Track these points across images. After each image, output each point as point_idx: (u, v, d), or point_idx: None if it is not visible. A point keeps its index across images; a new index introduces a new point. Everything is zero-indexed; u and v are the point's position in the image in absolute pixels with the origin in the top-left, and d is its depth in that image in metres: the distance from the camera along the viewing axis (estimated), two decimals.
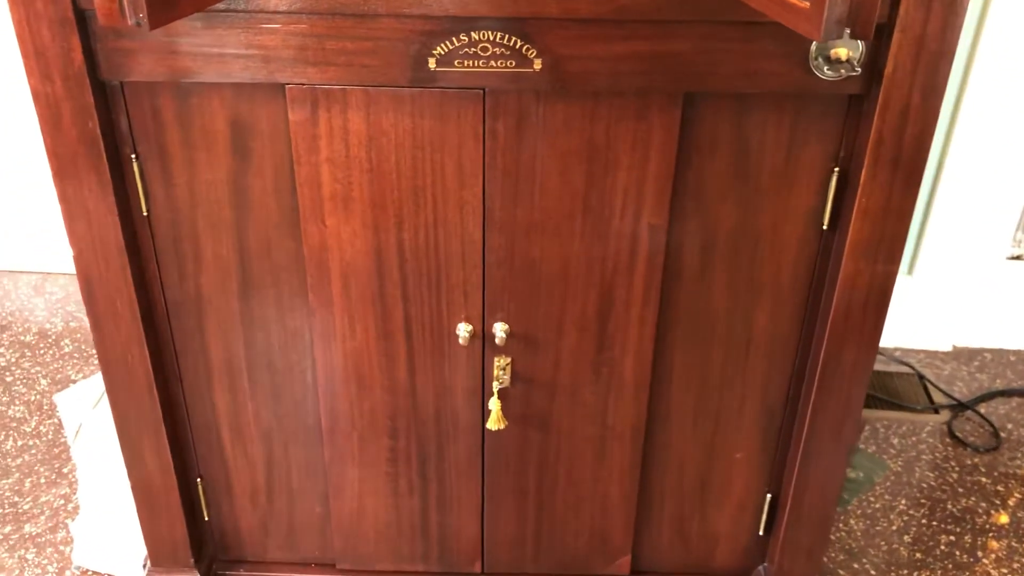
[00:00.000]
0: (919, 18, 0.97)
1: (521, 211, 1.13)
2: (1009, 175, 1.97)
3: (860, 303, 1.16)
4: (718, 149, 1.10)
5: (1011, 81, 1.85)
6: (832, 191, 1.11)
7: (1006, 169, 1.96)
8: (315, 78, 1.04)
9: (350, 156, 1.09)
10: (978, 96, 1.88)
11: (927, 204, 2.04)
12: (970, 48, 1.85)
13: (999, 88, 1.86)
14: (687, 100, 1.06)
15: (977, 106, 1.89)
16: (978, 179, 1.98)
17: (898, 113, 1.03)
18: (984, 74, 1.86)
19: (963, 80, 1.89)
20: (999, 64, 1.84)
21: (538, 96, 1.06)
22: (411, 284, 1.18)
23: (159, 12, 0.83)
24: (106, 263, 1.15)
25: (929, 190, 2.03)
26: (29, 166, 2.23)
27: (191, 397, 1.30)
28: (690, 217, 1.14)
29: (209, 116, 1.08)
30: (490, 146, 1.09)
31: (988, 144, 1.93)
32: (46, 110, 1.04)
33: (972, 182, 1.98)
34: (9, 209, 2.32)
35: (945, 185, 2.00)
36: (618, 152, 1.09)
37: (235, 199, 1.14)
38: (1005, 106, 1.88)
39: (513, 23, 1.00)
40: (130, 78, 1.04)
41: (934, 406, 2.02)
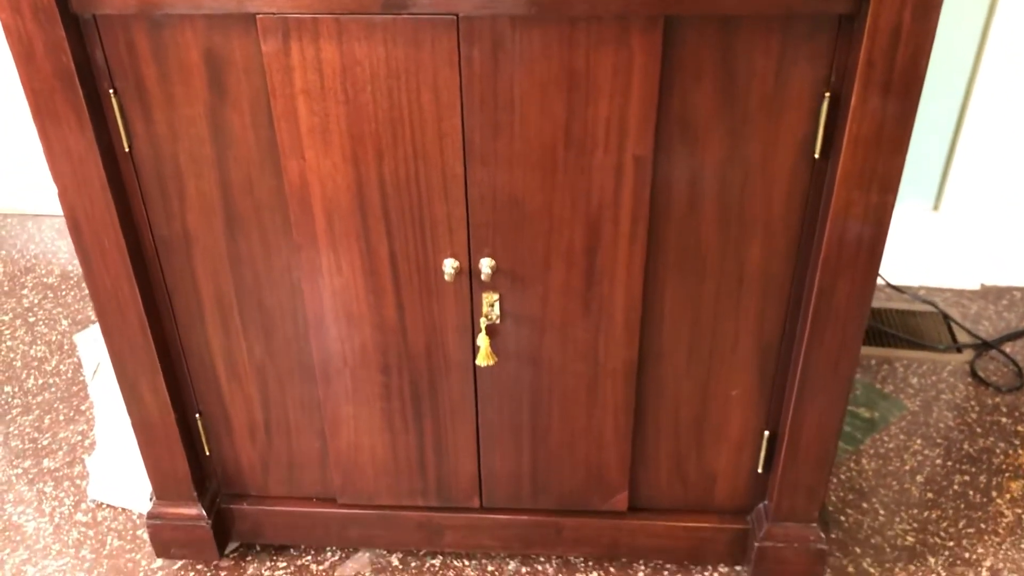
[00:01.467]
0: None
1: (502, 143, 1.11)
2: None
3: (854, 235, 1.12)
4: (703, 75, 1.06)
5: None
6: (823, 118, 1.07)
7: None
8: (285, 6, 1.02)
9: (325, 88, 1.08)
10: (1009, 19, 1.79)
11: (953, 137, 1.96)
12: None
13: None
14: (669, 24, 1.02)
15: (1007, 30, 1.80)
16: (1007, 111, 1.89)
17: (889, 34, 0.98)
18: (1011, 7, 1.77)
19: (990, 10, 1.80)
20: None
21: (513, 21, 1.02)
22: (394, 219, 1.17)
23: None
24: (91, 200, 1.15)
25: (956, 122, 1.95)
26: None
27: (185, 335, 1.31)
28: (676, 148, 1.11)
29: (184, 49, 1.07)
30: (466, 74, 1.06)
31: (1017, 78, 1.84)
32: (18, 44, 1.04)
33: (1001, 114, 1.89)
34: (33, 154, 2.35)
35: (972, 117, 1.92)
36: (599, 80, 1.06)
37: (215, 135, 1.13)
38: None
39: None
40: (101, 11, 1.03)
41: (957, 345, 1.96)
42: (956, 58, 1.87)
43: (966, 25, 1.82)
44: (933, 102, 1.89)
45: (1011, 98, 1.87)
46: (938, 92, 1.89)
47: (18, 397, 1.89)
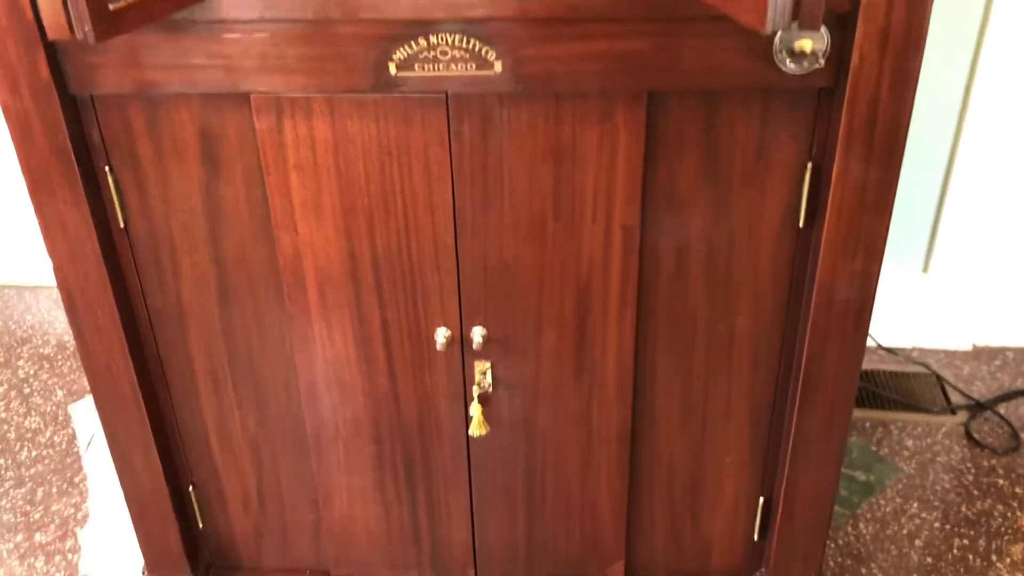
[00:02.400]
0: (882, 7, 0.95)
1: (492, 214, 1.12)
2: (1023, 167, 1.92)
3: (841, 302, 1.13)
4: (687, 147, 1.08)
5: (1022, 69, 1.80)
6: (806, 188, 1.09)
7: (1020, 161, 1.91)
8: (278, 86, 1.05)
9: (318, 163, 1.10)
10: (988, 86, 1.83)
11: (939, 199, 1.99)
12: (977, 35, 1.81)
13: (1010, 78, 1.81)
14: (651, 99, 1.05)
15: (987, 96, 1.84)
16: (991, 173, 1.92)
17: (867, 106, 1.00)
18: (993, 64, 1.81)
19: (971, 71, 1.84)
20: (1009, 53, 1.79)
21: (501, 98, 1.05)
22: (386, 290, 1.18)
23: (104, 25, 0.84)
24: (86, 275, 1.17)
25: (941, 185, 1.98)
26: None
27: (179, 406, 1.32)
28: (663, 217, 1.13)
29: (179, 126, 1.09)
30: (456, 149, 1.08)
31: (1001, 135, 1.88)
32: (17, 124, 1.06)
33: (985, 176, 1.93)
34: (31, 226, 2.37)
35: (957, 179, 1.95)
36: (585, 153, 1.08)
37: (209, 209, 1.15)
38: (1018, 96, 1.83)
39: (470, 25, 1.00)
40: (98, 91, 1.06)
41: (951, 407, 1.96)
42: (939, 120, 1.91)
43: (948, 86, 1.86)
44: (918, 165, 1.93)
45: (995, 158, 1.90)
46: (922, 155, 1.93)
47: (11, 470, 1.88)
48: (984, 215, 1.97)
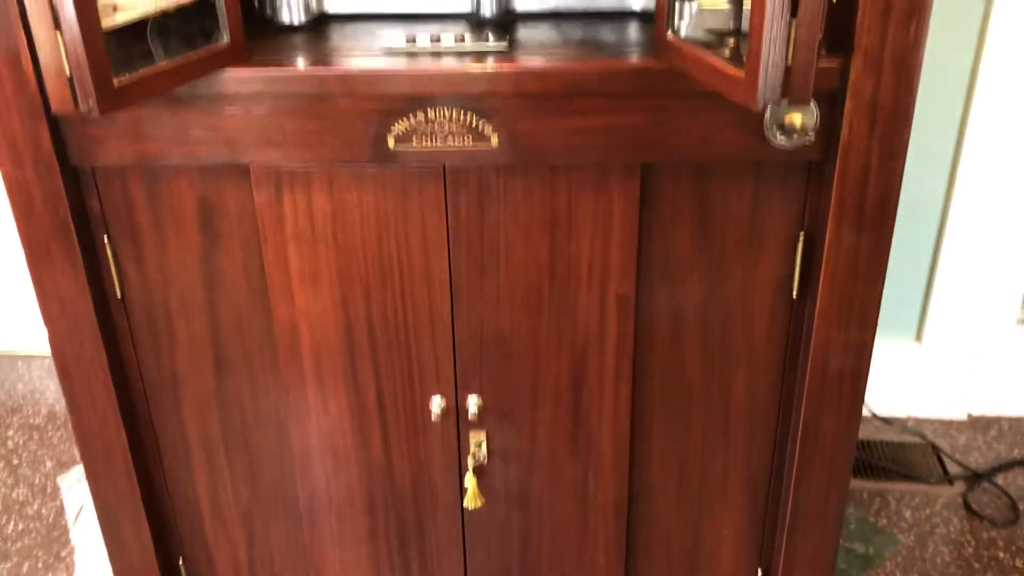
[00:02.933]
0: (870, 84, 0.97)
1: (488, 283, 1.13)
2: (1014, 237, 1.94)
3: (835, 372, 1.13)
4: (680, 218, 1.09)
5: (1009, 143, 1.84)
6: (799, 258, 1.10)
7: (1010, 232, 1.93)
8: (278, 158, 1.06)
9: (316, 234, 1.11)
10: (976, 158, 1.86)
11: (931, 268, 2.01)
12: (963, 109, 1.84)
13: (997, 151, 1.85)
14: (645, 170, 1.06)
15: (975, 168, 1.87)
16: (982, 242, 1.95)
17: (858, 179, 1.02)
18: (980, 138, 1.84)
19: (958, 143, 1.88)
20: (996, 126, 1.82)
21: (497, 170, 1.07)
22: (382, 359, 1.18)
23: (108, 99, 0.86)
24: (81, 345, 1.16)
25: (931, 255, 2.00)
26: None
27: (170, 476, 1.30)
28: (658, 286, 1.13)
29: (178, 197, 1.11)
30: (453, 220, 1.09)
31: (990, 207, 1.91)
32: (18, 195, 1.07)
33: (976, 245, 1.95)
34: (24, 292, 2.37)
35: (948, 249, 1.97)
36: (581, 223, 1.09)
37: (206, 279, 1.15)
38: (1005, 168, 1.86)
39: (468, 101, 1.02)
40: (99, 163, 1.07)
41: (948, 477, 1.95)
42: (929, 189, 1.94)
43: (936, 156, 1.89)
44: (908, 234, 1.95)
45: (985, 227, 1.92)
46: (913, 224, 1.95)
47: None
48: (976, 283, 1.99)
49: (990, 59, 1.77)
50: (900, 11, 0.93)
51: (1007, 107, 1.80)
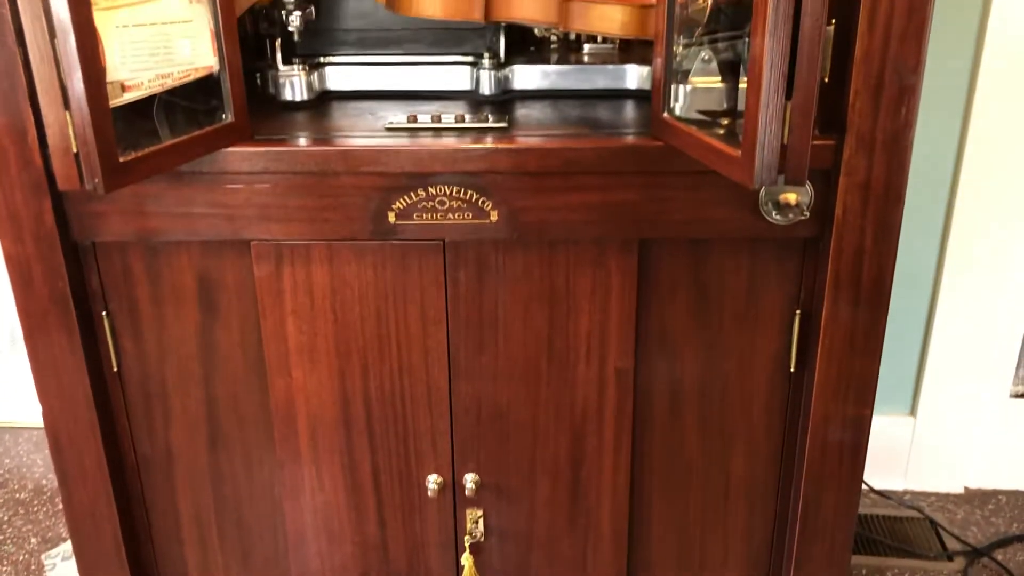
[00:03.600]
0: (863, 163, 0.99)
1: (486, 358, 1.13)
2: (1006, 309, 1.96)
3: (835, 447, 1.13)
4: (678, 293, 1.10)
5: (999, 213, 1.86)
6: (796, 334, 1.11)
7: (1002, 303, 1.95)
8: (279, 234, 1.07)
9: (315, 308, 1.11)
10: (966, 229, 1.88)
11: (923, 342, 2.02)
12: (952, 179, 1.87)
13: (987, 221, 1.87)
14: (642, 246, 1.07)
15: (966, 239, 1.89)
16: (974, 314, 1.96)
17: (853, 255, 1.03)
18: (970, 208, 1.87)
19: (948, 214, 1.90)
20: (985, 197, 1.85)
21: (496, 245, 1.08)
22: (378, 434, 1.18)
23: (113, 177, 0.87)
24: (75, 420, 1.15)
25: (924, 327, 2.01)
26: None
27: (161, 553, 1.28)
28: (656, 361, 1.14)
29: (178, 272, 1.11)
30: (452, 294, 1.10)
31: (982, 277, 1.92)
32: (17, 271, 1.07)
33: (968, 317, 1.96)
34: (10, 364, 2.35)
35: (940, 321, 1.98)
36: (579, 298, 1.10)
37: (203, 353, 1.15)
38: (996, 238, 1.89)
39: (468, 177, 1.03)
40: (100, 238, 1.08)
41: (947, 553, 1.93)
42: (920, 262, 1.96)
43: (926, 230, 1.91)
44: (900, 308, 1.96)
45: (977, 298, 1.94)
46: (904, 297, 1.96)
47: None
48: (969, 356, 2.00)
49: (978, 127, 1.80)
50: (891, 93, 0.96)
51: (996, 177, 1.83)
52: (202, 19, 0.97)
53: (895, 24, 0.93)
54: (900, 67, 0.95)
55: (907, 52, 0.94)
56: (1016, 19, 1.66)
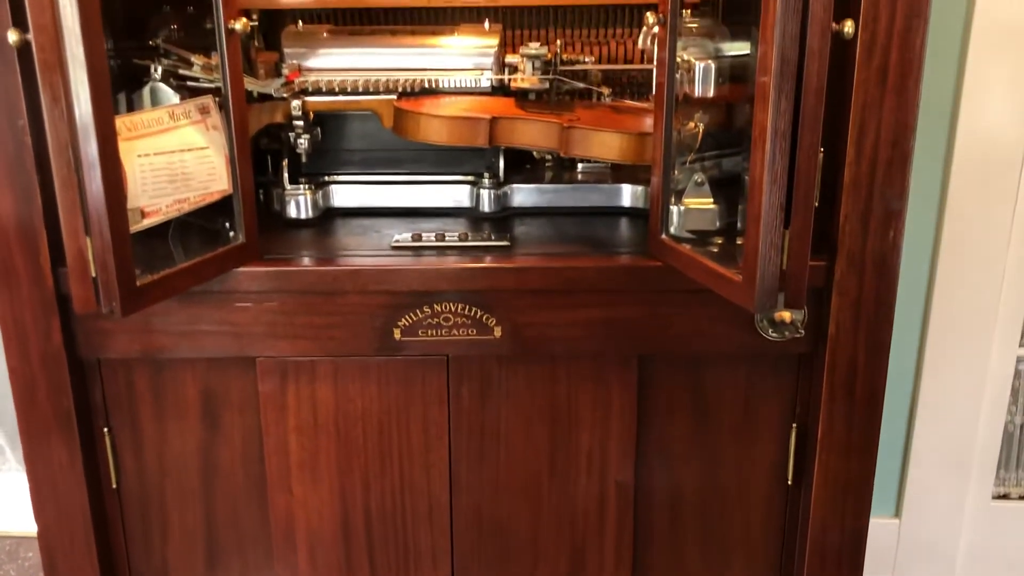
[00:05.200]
0: (854, 282, 1.03)
1: (487, 472, 1.14)
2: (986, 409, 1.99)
3: (833, 558, 1.14)
4: (677, 407, 1.12)
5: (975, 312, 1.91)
6: (793, 447, 1.13)
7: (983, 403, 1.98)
8: (285, 351, 1.08)
9: (318, 424, 1.12)
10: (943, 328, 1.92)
11: (905, 444, 2.04)
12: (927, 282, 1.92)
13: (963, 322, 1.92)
14: (642, 361, 1.10)
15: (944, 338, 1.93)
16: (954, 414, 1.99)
17: (847, 371, 1.06)
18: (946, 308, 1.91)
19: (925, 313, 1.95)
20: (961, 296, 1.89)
21: (499, 360, 1.10)
22: (378, 549, 1.17)
23: (131, 301, 0.88)
24: (71, 539, 1.14)
25: (906, 428, 2.04)
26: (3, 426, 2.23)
27: None
28: (656, 474, 1.15)
29: (182, 388, 1.12)
30: (455, 409, 1.11)
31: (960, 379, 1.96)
32: (22, 387, 1.07)
33: (948, 417, 1.99)
34: None
35: (921, 423, 2.01)
36: (580, 412, 1.12)
37: (204, 468, 1.15)
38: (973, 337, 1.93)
39: (473, 295, 1.06)
40: (106, 355, 1.09)
41: None
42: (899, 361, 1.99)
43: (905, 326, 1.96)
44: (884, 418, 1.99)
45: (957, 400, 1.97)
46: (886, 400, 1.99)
47: None
48: (951, 457, 2.02)
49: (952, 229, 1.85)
50: (879, 217, 1.00)
51: (970, 275, 1.87)
52: (218, 145, 1.00)
53: (881, 153, 0.98)
54: (887, 193, 1.00)
55: (893, 179, 0.99)
56: (982, 122, 1.71)
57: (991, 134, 1.77)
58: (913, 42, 0.95)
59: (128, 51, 1.12)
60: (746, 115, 1.16)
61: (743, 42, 1.18)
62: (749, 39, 1.18)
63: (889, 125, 0.97)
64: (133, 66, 1.11)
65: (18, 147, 0.98)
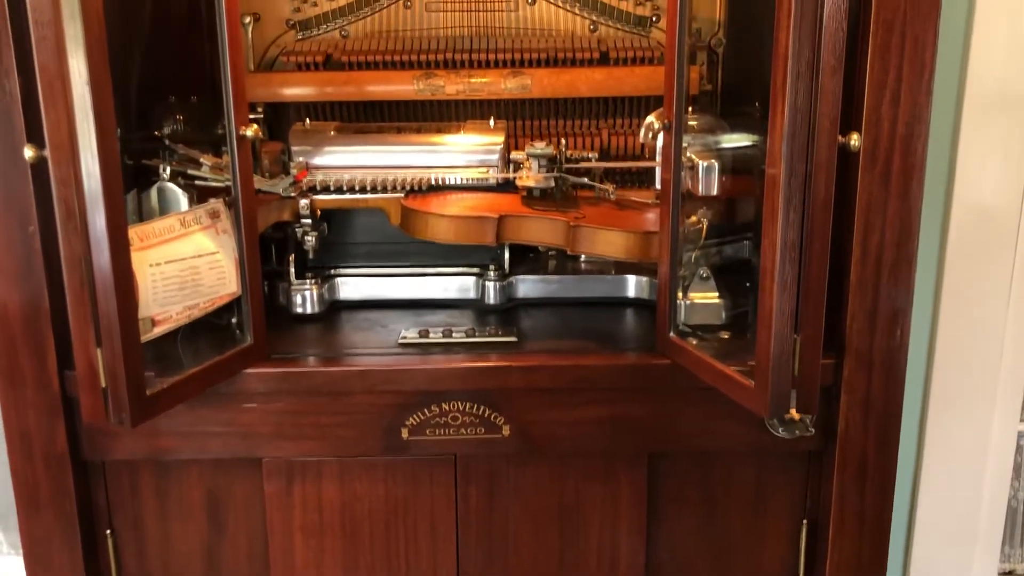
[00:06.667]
0: (862, 381, 1.03)
1: (495, 573, 1.12)
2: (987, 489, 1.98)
3: None
4: (686, 505, 1.12)
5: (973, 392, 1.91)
6: (803, 543, 1.12)
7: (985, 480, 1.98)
8: (291, 451, 1.08)
9: (324, 524, 1.11)
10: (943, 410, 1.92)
11: (909, 521, 2.03)
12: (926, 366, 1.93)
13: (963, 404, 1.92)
14: (651, 459, 1.10)
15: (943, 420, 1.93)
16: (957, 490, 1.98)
17: (856, 468, 1.06)
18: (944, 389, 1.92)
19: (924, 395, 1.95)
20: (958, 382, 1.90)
21: (508, 459, 1.09)
22: None
23: (141, 411, 0.88)
24: None
25: (908, 506, 2.03)
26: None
27: None
28: (666, 571, 1.14)
29: (187, 489, 1.11)
30: (462, 508, 1.10)
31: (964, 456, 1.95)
32: (24, 490, 1.06)
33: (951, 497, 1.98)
34: None
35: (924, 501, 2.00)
36: (589, 511, 1.11)
37: (208, 570, 1.13)
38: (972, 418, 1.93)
39: (481, 394, 1.06)
40: (111, 457, 1.08)
41: None
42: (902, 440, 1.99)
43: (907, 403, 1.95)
44: None
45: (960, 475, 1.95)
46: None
47: None
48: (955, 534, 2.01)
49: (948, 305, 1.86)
50: (885, 316, 1.01)
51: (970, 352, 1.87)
52: (228, 248, 1.01)
53: (886, 254, 0.99)
54: (892, 292, 1.01)
55: (899, 279, 1.00)
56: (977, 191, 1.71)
57: (986, 202, 1.77)
58: (915, 147, 0.97)
59: (133, 143, 1.12)
60: (747, 205, 1.18)
61: (742, 133, 1.20)
62: (747, 130, 1.20)
63: (893, 227, 0.98)
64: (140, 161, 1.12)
65: (28, 252, 0.98)
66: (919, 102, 0.96)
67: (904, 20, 0.93)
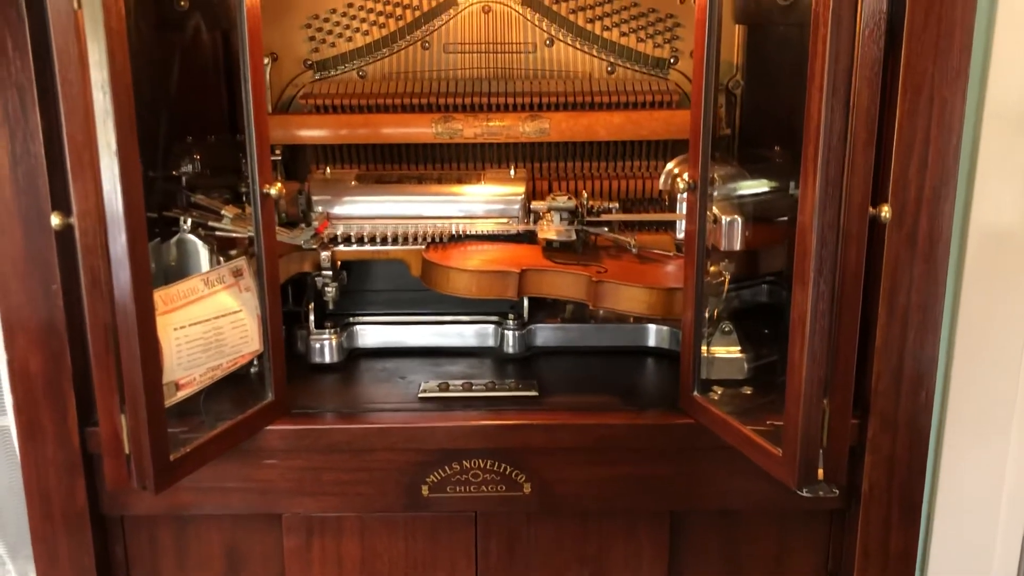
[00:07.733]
0: (887, 441, 1.02)
1: None
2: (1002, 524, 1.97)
3: None
4: (709, 563, 1.11)
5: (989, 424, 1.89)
6: None
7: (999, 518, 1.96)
8: (311, 507, 1.07)
9: None
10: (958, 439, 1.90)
11: (923, 554, 2.01)
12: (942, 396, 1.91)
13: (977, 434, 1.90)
14: (674, 516, 1.09)
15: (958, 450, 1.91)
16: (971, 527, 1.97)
17: (880, 528, 1.05)
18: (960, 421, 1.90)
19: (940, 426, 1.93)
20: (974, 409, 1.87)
21: (529, 517, 1.08)
22: None
23: (164, 477, 0.87)
24: None
25: (923, 540, 2.01)
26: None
27: None
28: None
29: (206, 544, 1.10)
30: (483, 566, 1.10)
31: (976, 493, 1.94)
32: (43, 547, 1.05)
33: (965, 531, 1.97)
34: None
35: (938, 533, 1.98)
36: (610, 570, 1.10)
37: None
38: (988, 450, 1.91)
39: (503, 452, 1.05)
40: (130, 512, 1.07)
41: None
42: None
43: None
44: None
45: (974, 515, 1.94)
46: None
47: None
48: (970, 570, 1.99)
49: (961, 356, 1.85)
50: (910, 378, 1.00)
51: (987, 382, 1.84)
52: (251, 306, 1.00)
53: (912, 317, 0.99)
54: (918, 354, 1.00)
55: (924, 341, 0.99)
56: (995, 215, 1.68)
57: (1004, 227, 1.75)
58: (942, 209, 0.96)
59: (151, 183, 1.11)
60: (767, 252, 1.18)
61: (763, 179, 1.19)
62: (767, 176, 1.19)
63: (920, 289, 0.98)
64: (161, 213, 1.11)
65: (51, 310, 0.97)
66: (947, 165, 0.95)
67: (932, 84, 0.93)
